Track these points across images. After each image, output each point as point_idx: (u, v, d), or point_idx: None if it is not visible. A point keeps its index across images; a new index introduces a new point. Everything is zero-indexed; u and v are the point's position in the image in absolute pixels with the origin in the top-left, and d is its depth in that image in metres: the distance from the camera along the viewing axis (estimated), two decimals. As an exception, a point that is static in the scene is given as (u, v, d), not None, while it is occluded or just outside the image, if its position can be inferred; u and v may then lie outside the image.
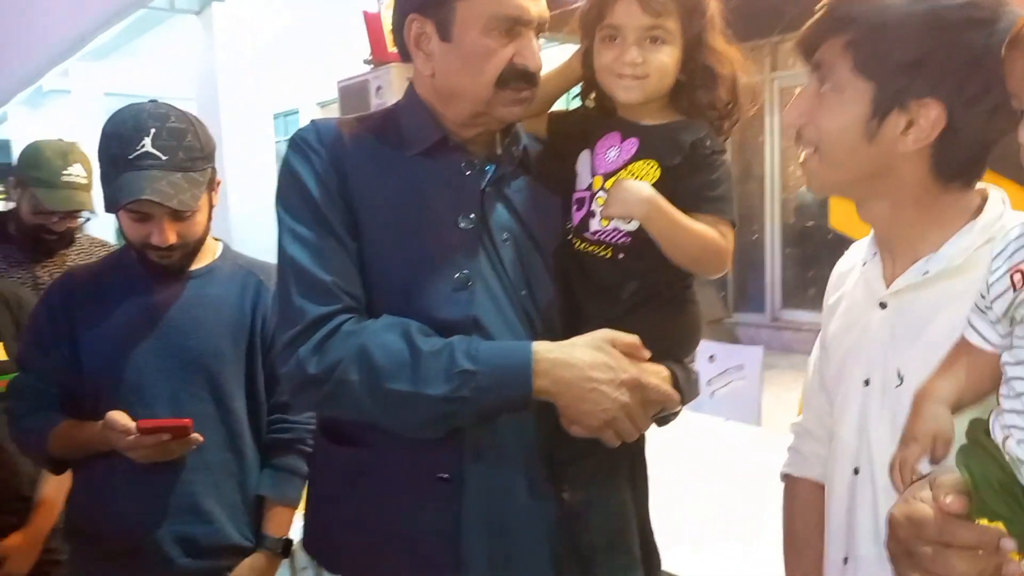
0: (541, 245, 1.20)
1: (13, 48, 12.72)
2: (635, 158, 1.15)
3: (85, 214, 2.28)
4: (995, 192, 1.01)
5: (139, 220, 1.50)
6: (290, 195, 1.15)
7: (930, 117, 0.93)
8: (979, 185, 1.02)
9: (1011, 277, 0.83)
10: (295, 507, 1.65)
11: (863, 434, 1.03)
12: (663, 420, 1.22)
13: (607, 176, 1.16)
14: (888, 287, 1.04)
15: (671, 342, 1.19)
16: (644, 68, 1.13)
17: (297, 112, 11.13)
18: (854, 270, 1.16)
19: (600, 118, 1.22)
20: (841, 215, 3.03)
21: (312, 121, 1.24)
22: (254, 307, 1.62)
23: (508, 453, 1.15)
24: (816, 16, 0.99)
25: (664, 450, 1.49)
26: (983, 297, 0.88)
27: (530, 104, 1.18)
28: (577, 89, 1.28)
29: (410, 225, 1.14)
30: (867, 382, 1.04)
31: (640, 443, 1.25)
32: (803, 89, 1.02)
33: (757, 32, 5.69)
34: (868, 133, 0.95)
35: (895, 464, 0.90)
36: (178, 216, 1.50)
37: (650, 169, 1.14)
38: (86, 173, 2.22)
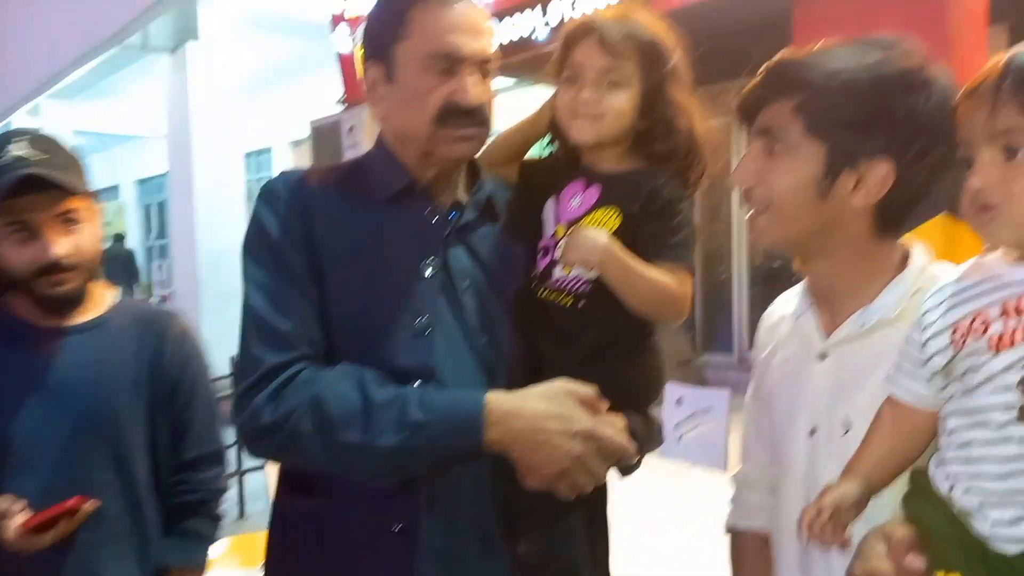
0: (504, 293, 1.19)
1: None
2: (596, 206, 1.15)
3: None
4: (916, 243, 1.06)
5: (21, 237, 1.33)
6: (254, 243, 1.15)
7: (879, 176, 0.97)
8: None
9: (951, 335, 0.86)
10: (202, 573, 1.52)
11: (811, 483, 1.03)
12: (625, 470, 1.21)
13: (570, 224, 1.16)
14: (827, 338, 1.06)
15: (631, 391, 1.17)
16: (599, 108, 1.13)
17: (270, 151, 11.14)
18: (782, 323, 1.18)
19: (567, 166, 1.22)
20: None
21: (282, 172, 1.25)
22: (156, 359, 1.46)
23: (463, 504, 1.13)
24: (758, 80, 1.03)
25: (628, 496, 1.48)
26: (916, 352, 0.91)
27: (477, 142, 1.17)
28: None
29: (373, 271, 1.14)
30: (812, 431, 1.06)
31: (600, 495, 1.23)
32: (750, 150, 1.04)
33: (723, 75, 5.86)
34: (820, 192, 0.98)
35: (805, 518, 0.92)
36: (67, 222, 1.35)
37: (611, 216, 1.14)
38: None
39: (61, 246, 1.34)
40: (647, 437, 1.17)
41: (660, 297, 1.12)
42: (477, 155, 1.23)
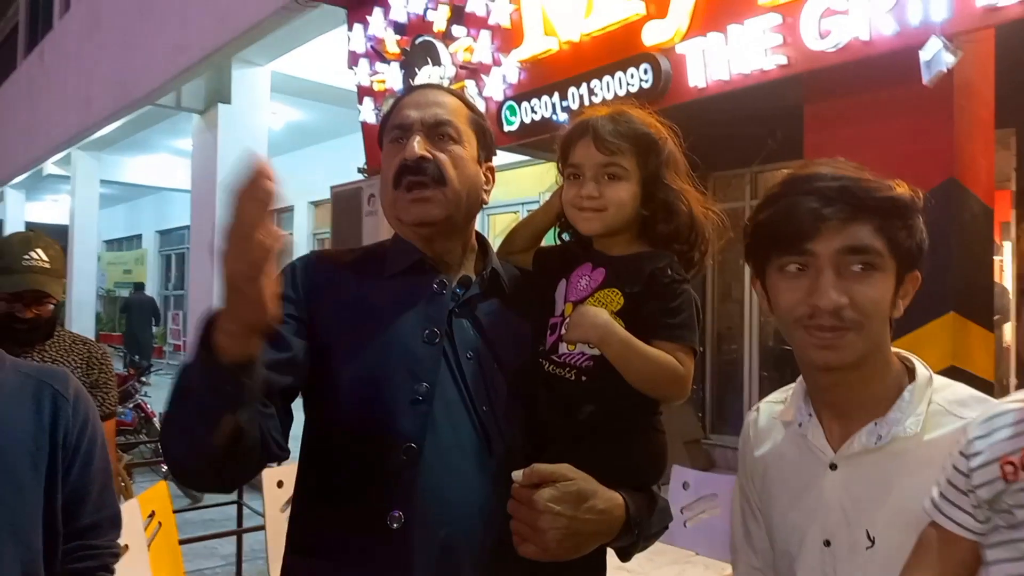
0: (506, 365, 1.23)
1: (20, 134, 13.05)
2: (601, 286, 1.21)
3: (54, 301, 2.26)
4: (911, 356, 1.10)
5: None
6: None
7: (915, 286, 1.05)
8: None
9: (1002, 468, 0.87)
10: None
11: None
12: (624, 553, 1.21)
13: (576, 303, 1.22)
14: (836, 450, 1.08)
15: (632, 468, 1.19)
16: (601, 201, 1.21)
17: (292, 209, 11.36)
18: (774, 430, 1.20)
19: (578, 251, 1.29)
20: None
21: (312, 251, 1.34)
22: (53, 423, 1.38)
23: (465, 565, 1.13)
24: (834, 199, 1.02)
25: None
26: (962, 481, 0.92)
27: (437, 204, 1.21)
28: None
29: (379, 338, 1.19)
30: (827, 543, 1.06)
31: None
32: (835, 272, 1.02)
33: (738, 162, 5.95)
34: (892, 304, 1.04)
35: None
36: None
37: (614, 297, 1.19)
38: (48, 259, 2.24)
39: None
40: (648, 517, 1.18)
41: (659, 375, 1.15)
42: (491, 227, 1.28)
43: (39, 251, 2.22)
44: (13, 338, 2.22)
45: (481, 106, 4.82)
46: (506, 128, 4.57)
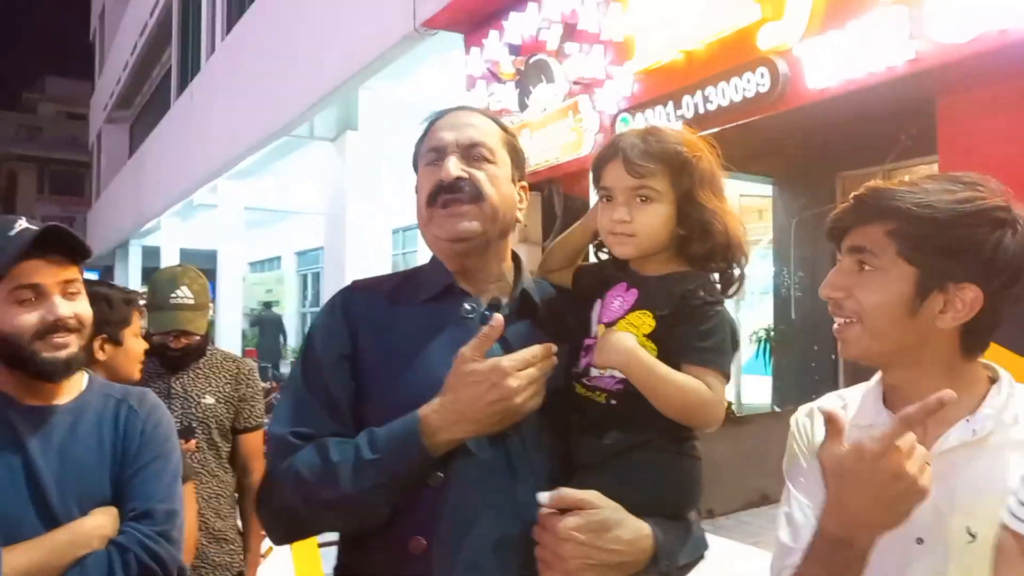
0: None
1: (174, 168, 14.25)
2: (633, 308, 1.19)
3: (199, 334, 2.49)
4: (990, 363, 1.12)
5: (23, 303, 1.37)
6: (303, 352, 1.31)
7: (967, 300, 1.04)
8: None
9: None
10: None
11: None
12: None
13: (609, 325, 1.20)
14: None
15: (661, 494, 1.15)
16: (632, 227, 1.19)
17: (415, 227, 11.76)
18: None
19: (615, 269, 1.27)
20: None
21: (352, 282, 1.37)
22: (125, 436, 1.45)
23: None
24: (848, 205, 1.11)
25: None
26: None
27: (471, 218, 1.23)
28: None
29: (410, 362, 1.22)
30: (920, 540, 1.06)
31: None
32: (840, 266, 1.11)
33: (869, 160, 5.70)
34: (910, 310, 1.05)
35: None
36: (69, 292, 1.41)
37: (646, 319, 1.16)
38: (192, 294, 2.48)
39: (66, 307, 1.39)
40: (678, 545, 1.15)
41: (687, 401, 1.12)
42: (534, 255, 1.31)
43: (184, 288, 2.46)
44: (168, 364, 2.49)
45: (595, 120, 4.87)
46: (621, 140, 4.60)
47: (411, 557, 1.15)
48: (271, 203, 13.73)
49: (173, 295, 2.44)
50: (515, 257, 1.36)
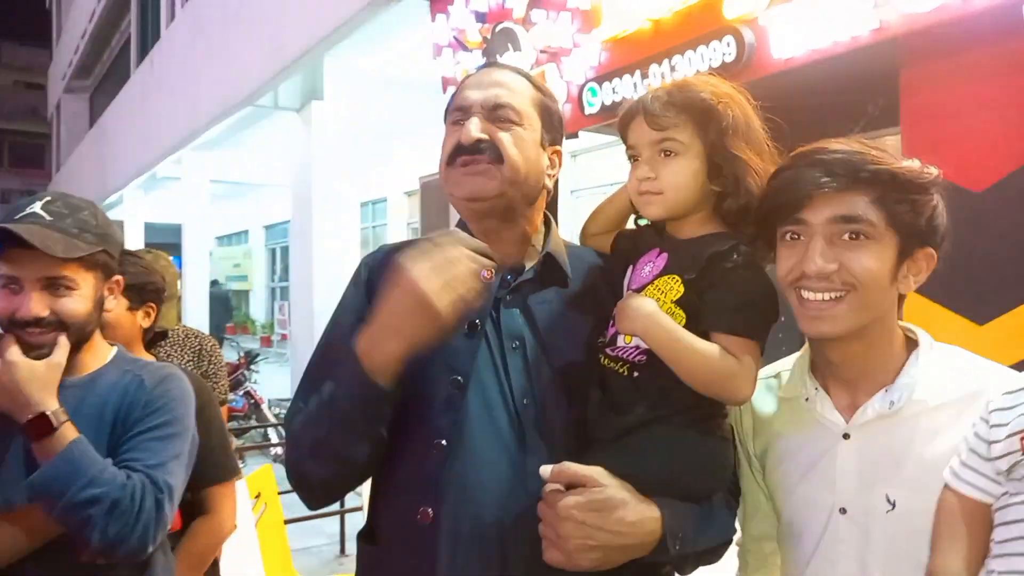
0: (555, 357, 1.18)
1: (136, 139, 13.92)
2: (662, 273, 1.12)
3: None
4: (912, 326, 1.14)
5: (8, 289, 1.37)
6: (335, 313, 1.30)
7: (930, 263, 1.08)
8: None
9: (1021, 440, 0.92)
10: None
11: (848, 561, 1.08)
12: (680, 567, 1.13)
13: (638, 291, 1.13)
14: (848, 419, 1.10)
15: (680, 473, 1.08)
16: (657, 184, 1.12)
17: (385, 200, 11.65)
18: (779, 410, 1.20)
19: (653, 234, 1.21)
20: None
21: (382, 247, 1.34)
22: (127, 407, 1.44)
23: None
24: (828, 170, 1.03)
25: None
26: (983, 448, 0.97)
27: (489, 178, 1.17)
28: None
29: None
30: (843, 510, 1.08)
31: None
32: (825, 240, 1.04)
33: (834, 132, 5.72)
34: (893, 277, 1.06)
35: None
36: (52, 288, 1.38)
37: (674, 284, 1.10)
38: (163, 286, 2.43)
39: (37, 306, 1.36)
40: (693, 529, 1.08)
41: (712, 371, 1.04)
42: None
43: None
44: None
45: (562, 90, 4.82)
46: (587, 110, 4.54)
47: (418, 527, 1.12)
48: (237, 175, 13.50)
49: None
50: (547, 221, 1.30)
